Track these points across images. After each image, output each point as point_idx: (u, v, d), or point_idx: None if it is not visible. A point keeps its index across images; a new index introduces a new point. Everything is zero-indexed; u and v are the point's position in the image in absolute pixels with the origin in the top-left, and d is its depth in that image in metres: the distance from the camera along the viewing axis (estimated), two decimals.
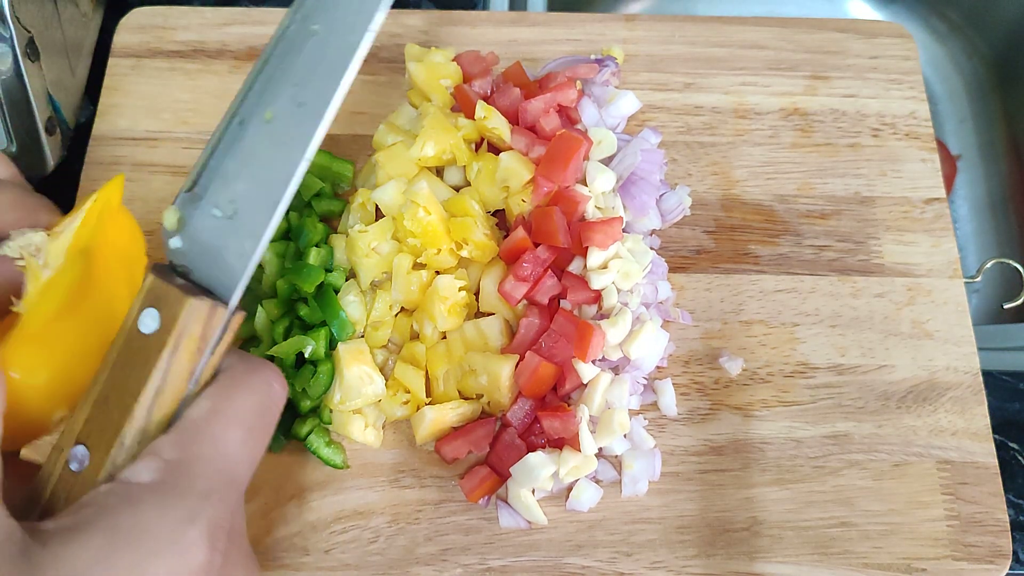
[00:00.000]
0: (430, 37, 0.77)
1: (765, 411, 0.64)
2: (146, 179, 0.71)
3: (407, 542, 0.59)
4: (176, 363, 0.42)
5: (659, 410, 0.64)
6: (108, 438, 0.41)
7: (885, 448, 0.63)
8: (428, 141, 0.65)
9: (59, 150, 0.73)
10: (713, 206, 0.71)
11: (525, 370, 0.60)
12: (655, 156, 0.68)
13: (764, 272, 0.69)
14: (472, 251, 0.63)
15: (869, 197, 0.71)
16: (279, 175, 0.44)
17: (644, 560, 0.59)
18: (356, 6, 0.45)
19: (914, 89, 0.76)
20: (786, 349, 0.66)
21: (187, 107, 0.74)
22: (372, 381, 0.61)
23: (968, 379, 0.65)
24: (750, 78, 0.76)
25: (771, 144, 0.73)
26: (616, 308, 0.61)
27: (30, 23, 0.65)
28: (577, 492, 0.60)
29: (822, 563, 0.59)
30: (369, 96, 0.74)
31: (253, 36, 0.77)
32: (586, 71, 0.71)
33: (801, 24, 0.78)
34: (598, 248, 0.62)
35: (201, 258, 0.44)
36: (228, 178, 0.45)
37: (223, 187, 0.45)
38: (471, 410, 0.62)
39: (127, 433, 0.41)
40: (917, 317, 0.67)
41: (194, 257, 0.44)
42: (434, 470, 0.62)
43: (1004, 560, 0.60)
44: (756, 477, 0.62)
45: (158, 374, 0.42)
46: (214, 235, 0.44)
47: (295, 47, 0.46)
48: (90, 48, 0.79)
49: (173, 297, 0.42)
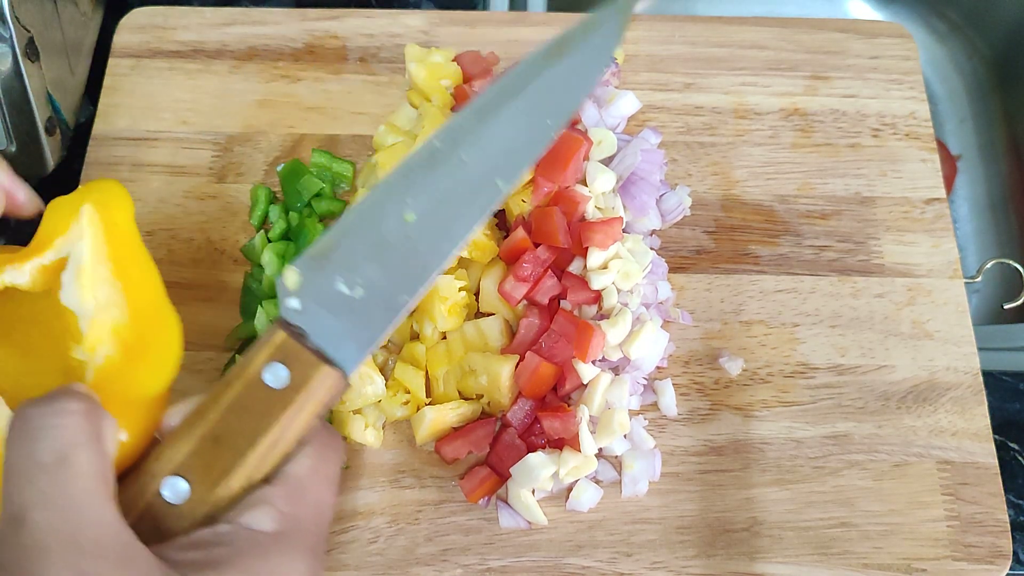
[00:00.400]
0: (430, 37, 0.77)
1: (765, 411, 0.64)
2: (146, 179, 0.71)
3: (407, 542, 0.59)
4: (296, 422, 0.44)
5: (659, 410, 0.64)
6: (215, 477, 0.42)
7: (885, 448, 0.63)
8: None
9: (59, 150, 0.73)
10: (713, 206, 0.71)
11: (525, 370, 0.60)
12: (655, 156, 0.68)
13: (764, 272, 0.69)
14: (472, 251, 0.63)
15: (869, 197, 0.71)
16: (411, 276, 0.47)
17: (644, 560, 0.59)
18: (507, 146, 0.49)
19: (914, 89, 0.76)
20: (786, 349, 0.66)
21: (187, 107, 0.74)
22: (372, 381, 0.61)
23: (968, 379, 0.65)
24: (750, 78, 0.76)
25: (771, 144, 0.73)
26: (616, 308, 0.61)
27: (30, 23, 0.65)
28: (577, 492, 0.60)
29: (822, 563, 0.59)
30: (369, 96, 0.74)
31: (253, 36, 0.77)
32: None
33: (801, 24, 0.78)
34: (598, 248, 0.62)
35: (320, 326, 0.46)
36: (358, 258, 0.47)
37: (352, 265, 0.47)
38: (471, 410, 0.62)
39: (236, 476, 0.42)
40: (917, 317, 0.67)
41: (312, 322, 0.46)
42: (434, 470, 0.62)
43: (1004, 560, 0.60)
44: (756, 477, 0.62)
45: (278, 429, 0.43)
46: (337, 309, 0.46)
47: (441, 164, 0.49)
48: (90, 48, 0.79)
49: (307, 360, 0.44)
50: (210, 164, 0.71)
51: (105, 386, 0.43)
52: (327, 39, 0.77)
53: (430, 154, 0.50)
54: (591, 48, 0.52)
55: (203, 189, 0.70)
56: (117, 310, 0.45)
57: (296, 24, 0.77)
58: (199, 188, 0.71)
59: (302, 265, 0.47)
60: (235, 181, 0.71)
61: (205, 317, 0.66)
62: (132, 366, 0.45)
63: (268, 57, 0.76)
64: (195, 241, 0.69)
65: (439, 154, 0.49)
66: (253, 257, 0.67)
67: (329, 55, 0.76)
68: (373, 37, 0.77)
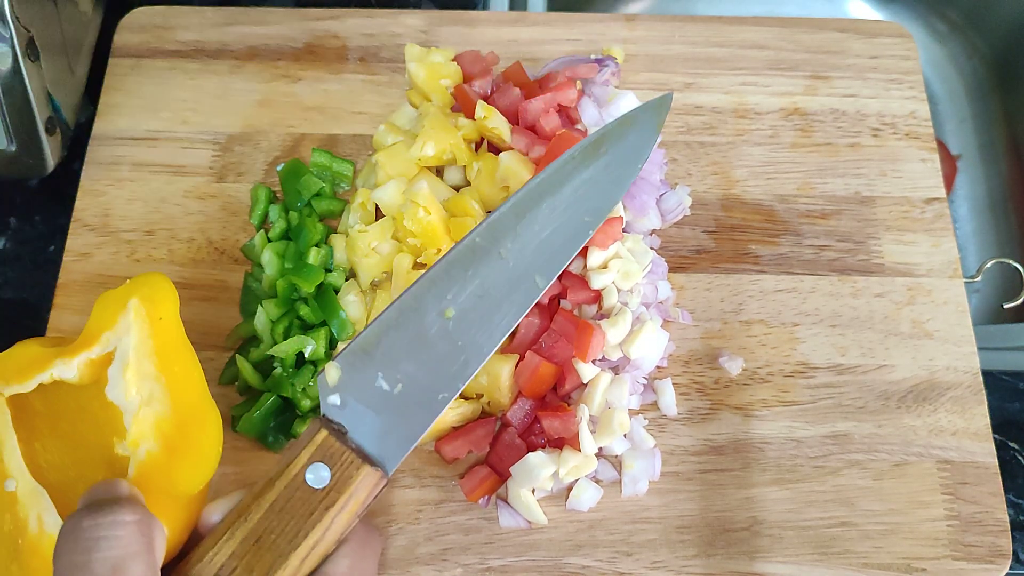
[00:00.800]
0: (430, 37, 0.77)
1: (765, 411, 0.64)
2: (146, 179, 0.71)
3: (407, 542, 0.59)
4: (337, 522, 0.44)
5: (659, 410, 0.64)
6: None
7: (885, 448, 0.63)
8: (428, 141, 0.65)
9: (59, 150, 0.73)
10: (713, 206, 0.71)
11: (525, 370, 0.60)
12: (655, 156, 0.68)
13: (764, 272, 0.69)
14: None
15: (869, 197, 0.71)
16: (450, 374, 0.48)
17: (644, 560, 0.59)
18: (545, 243, 0.51)
19: (914, 89, 0.76)
20: (786, 349, 0.66)
21: (187, 107, 0.74)
22: None
23: (968, 379, 0.65)
24: (750, 78, 0.76)
25: (771, 144, 0.73)
26: (616, 308, 0.61)
27: (30, 23, 0.65)
28: (577, 492, 0.60)
29: (822, 563, 0.59)
30: (369, 96, 0.74)
31: (253, 36, 0.77)
32: (586, 71, 0.71)
33: (801, 24, 0.78)
34: (598, 248, 0.62)
35: (361, 422, 0.47)
36: (398, 354, 0.48)
37: (392, 362, 0.48)
38: (471, 410, 0.62)
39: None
40: (917, 317, 0.67)
41: (353, 418, 0.47)
42: (434, 470, 0.62)
43: (1004, 560, 0.60)
44: (756, 477, 0.62)
45: (320, 529, 0.43)
46: (377, 405, 0.47)
47: (481, 260, 0.50)
48: (90, 48, 0.79)
49: (349, 460, 0.45)
50: (210, 164, 0.71)
51: (146, 481, 0.44)
52: (327, 39, 0.77)
53: (471, 250, 0.50)
54: (628, 146, 0.53)
55: (203, 189, 0.71)
56: (160, 405, 0.45)
57: (296, 24, 0.77)
58: (199, 188, 0.71)
59: (343, 361, 0.48)
60: (235, 181, 0.71)
61: (205, 316, 0.66)
62: (173, 462, 0.45)
63: (268, 57, 0.76)
64: (195, 241, 0.69)
65: (479, 250, 0.50)
66: (253, 256, 0.67)
67: (329, 55, 0.76)
68: (373, 37, 0.77)
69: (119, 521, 0.39)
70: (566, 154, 0.53)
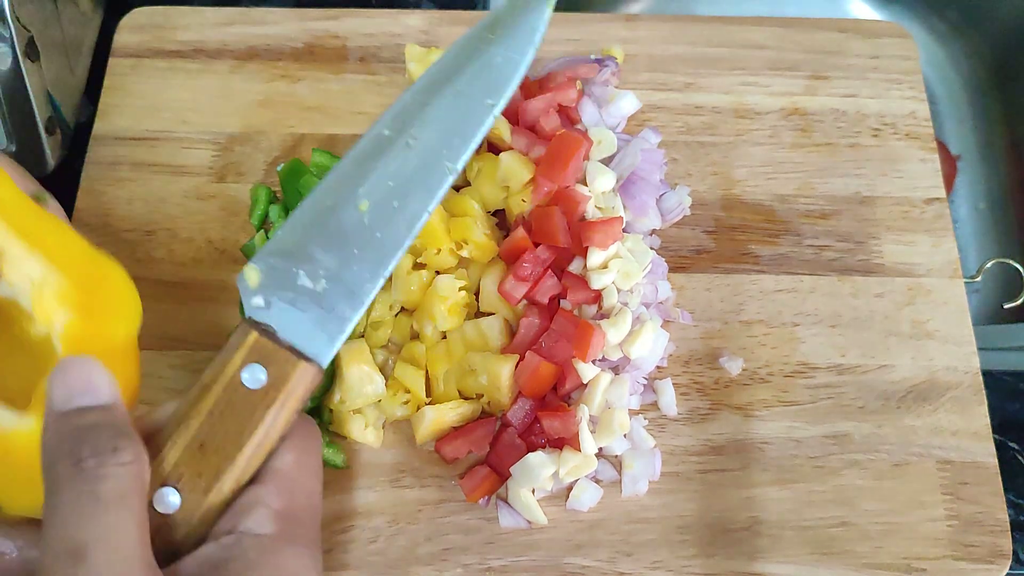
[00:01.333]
0: (430, 37, 0.77)
1: (765, 411, 0.64)
2: (146, 179, 0.71)
3: (407, 542, 0.59)
4: (279, 420, 0.44)
5: (659, 410, 0.64)
6: (205, 483, 0.43)
7: (885, 448, 0.63)
8: None
9: (59, 150, 0.73)
10: (713, 206, 0.71)
11: (525, 370, 0.60)
12: (655, 156, 0.68)
13: (764, 272, 0.69)
14: (472, 251, 0.63)
15: (869, 197, 0.71)
16: (372, 264, 0.48)
17: (644, 560, 0.59)
18: (451, 127, 0.50)
19: (914, 89, 0.76)
20: (786, 349, 0.66)
21: (187, 107, 0.74)
22: (372, 381, 0.61)
23: (968, 379, 0.65)
24: (750, 78, 0.76)
25: (771, 144, 0.73)
26: (616, 308, 0.61)
27: (30, 23, 0.65)
28: (577, 492, 0.60)
29: (822, 563, 0.59)
30: (369, 96, 0.74)
31: (253, 36, 0.77)
32: (586, 71, 0.71)
33: (801, 24, 0.78)
34: (598, 248, 0.62)
35: (288, 321, 0.46)
36: (317, 251, 0.48)
37: (311, 258, 0.48)
38: (471, 410, 0.62)
39: (226, 481, 0.43)
40: (917, 317, 0.67)
41: (279, 318, 0.46)
42: (434, 470, 0.62)
43: (1004, 560, 0.60)
44: (756, 477, 0.62)
45: (263, 429, 0.44)
46: (302, 303, 0.47)
47: (390, 150, 0.50)
48: (90, 48, 0.79)
49: (283, 358, 0.45)
50: (210, 164, 0.71)
51: (80, 348, 0.43)
52: (327, 39, 0.77)
53: (378, 142, 0.50)
54: (520, 28, 0.52)
55: (203, 189, 0.71)
56: (52, 276, 0.44)
57: (296, 24, 0.77)
58: (199, 188, 0.71)
59: (261, 262, 0.48)
60: (235, 181, 0.71)
61: (205, 317, 0.66)
62: (95, 320, 0.44)
63: (268, 57, 0.76)
64: (195, 241, 0.69)
65: (386, 141, 0.50)
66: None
67: (329, 55, 0.76)
68: (373, 37, 0.77)
69: (122, 461, 0.40)
70: (460, 40, 0.53)
